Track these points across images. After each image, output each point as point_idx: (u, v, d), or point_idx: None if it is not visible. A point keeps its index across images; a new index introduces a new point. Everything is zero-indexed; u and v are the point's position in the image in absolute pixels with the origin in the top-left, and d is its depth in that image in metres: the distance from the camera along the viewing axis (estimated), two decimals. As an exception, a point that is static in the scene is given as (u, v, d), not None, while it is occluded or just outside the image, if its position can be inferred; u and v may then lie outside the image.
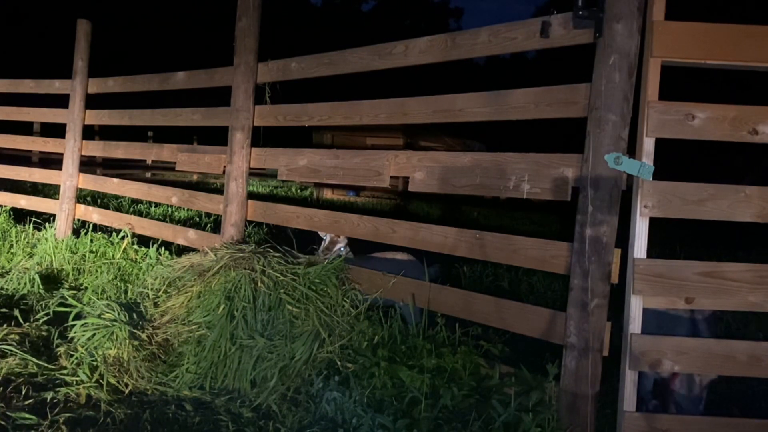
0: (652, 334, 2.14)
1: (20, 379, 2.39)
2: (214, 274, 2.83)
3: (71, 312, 2.86)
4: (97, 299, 3.01)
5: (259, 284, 2.71)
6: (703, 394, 2.27)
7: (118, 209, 7.38)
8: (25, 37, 22.51)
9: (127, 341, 2.60)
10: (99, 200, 8.00)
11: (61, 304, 3.12)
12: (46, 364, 2.55)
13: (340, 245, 3.16)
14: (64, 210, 4.76)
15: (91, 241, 4.36)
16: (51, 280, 3.87)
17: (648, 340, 2.07)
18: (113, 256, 4.08)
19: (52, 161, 10.13)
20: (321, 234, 3.40)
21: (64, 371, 2.50)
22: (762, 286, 2.03)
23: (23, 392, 2.29)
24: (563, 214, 9.92)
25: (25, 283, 3.67)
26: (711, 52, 2.06)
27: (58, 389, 2.32)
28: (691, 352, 2.06)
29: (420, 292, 2.77)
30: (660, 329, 2.24)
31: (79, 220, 4.84)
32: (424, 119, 2.81)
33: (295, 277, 2.79)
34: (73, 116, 4.77)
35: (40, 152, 11.29)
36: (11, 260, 4.35)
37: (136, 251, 4.13)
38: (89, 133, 6.09)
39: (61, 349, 2.66)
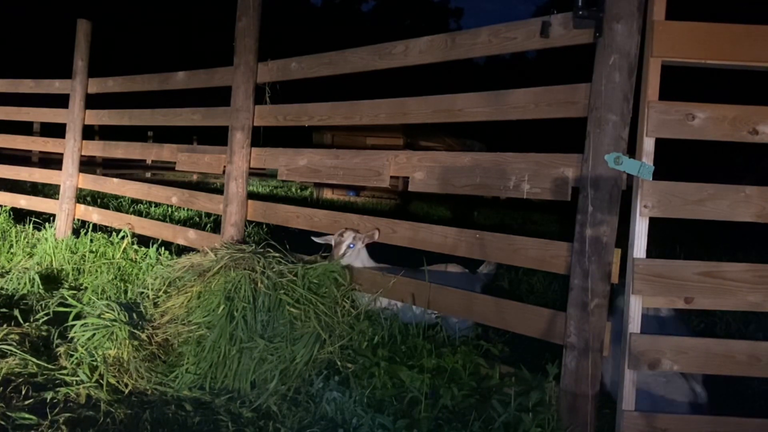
0: (651, 333, 2.14)
1: (20, 379, 2.39)
2: (214, 274, 2.83)
3: (71, 312, 2.86)
4: (97, 299, 3.01)
5: (259, 285, 2.71)
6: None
7: (118, 209, 7.38)
8: (25, 37, 22.51)
9: (127, 341, 2.60)
10: (99, 200, 8.00)
11: (61, 304, 3.12)
12: (46, 364, 2.55)
13: (347, 242, 3.07)
14: (64, 210, 4.76)
15: (91, 241, 4.36)
16: (51, 280, 3.87)
17: (647, 339, 2.08)
18: (113, 256, 4.08)
19: (52, 161, 10.12)
20: (318, 240, 3.27)
21: (64, 371, 2.50)
22: (761, 285, 2.03)
23: (23, 392, 2.29)
24: (563, 214, 9.92)
25: (25, 283, 3.66)
26: (711, 51, 2.06)
27: (58, 389, 2.32)
28: (690, 352, 2.07)
29: (420, 292, 2.77)
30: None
31: (79, 220, 4.84)
32: (424, 119, 2.81)
33: (295, 278, 2.79)
34: (73, 116, 4.77)
35: (40, 152, 11.29)
36: (11, 260, 4.35)
37: (136, 251, 4.13)
38: (89, 133, 6.09)
39: (61, 349, 2.65)
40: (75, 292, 3.56)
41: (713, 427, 2.07)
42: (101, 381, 2.41)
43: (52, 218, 4.87)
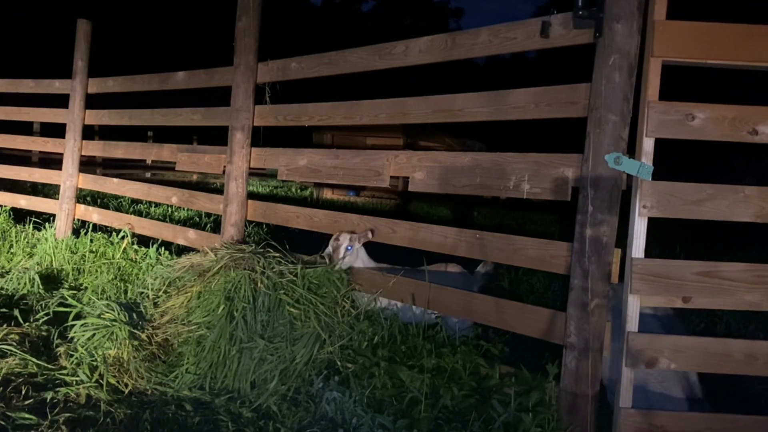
0: (649, 332, 2.14)
1: (20, 379, 2.39)
2: (213, 274, 2.83)
3: (71, 312, 2.86)
4: (97, 299, 3.01)
5: (259, 285, 2.71)
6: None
7: (118, 209, 7.38)
8: (25, 37, 22.51)
9: (127, 341, 2.60)
10: (99, 200, 8.00)
11: (61, 304, 3.12)
12: (46, 364, 2.55)
13: (345, 245, 3.08)
14: (64, 210, 4.76)
15: (91, 241, 4.37)
16: (51, 280, 3.87)
17: (645, 338, 2.08)
18: (113, 256, 4.08)
19: (52, 161, 10.12)
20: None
21: (64, 371, 2.50)
22: (759, 285, 2.04)
23: (23, 392, 2.29)
24: (563, 214, 9.92)
25: (25, 283, 3.67)
26: (712, 51, 2.06)
27: (58, 389, 2.32)
28: (687, 351, 2.07)
29: (420, 293, 2.77)
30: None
31: (79, 220, 4.84)
32: (424, 119, 2.81)
33: (295, 278, 2.79)
34: (73, 116, 4.77)
35: (40, 152, 11.29)
36: (11, 260, 4.35)
37: (136, 251, 4.13)
38: (89, 133, 6.09)
39: (61, 349, 2.66)
40: (75, 292, 3.56)
41: (710, 425, 2.08)
42: (101, 381, 2.41)
43: (52, 218, 4.87)
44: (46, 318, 3.08)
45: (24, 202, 5.32)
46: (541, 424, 2.08)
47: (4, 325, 2.94)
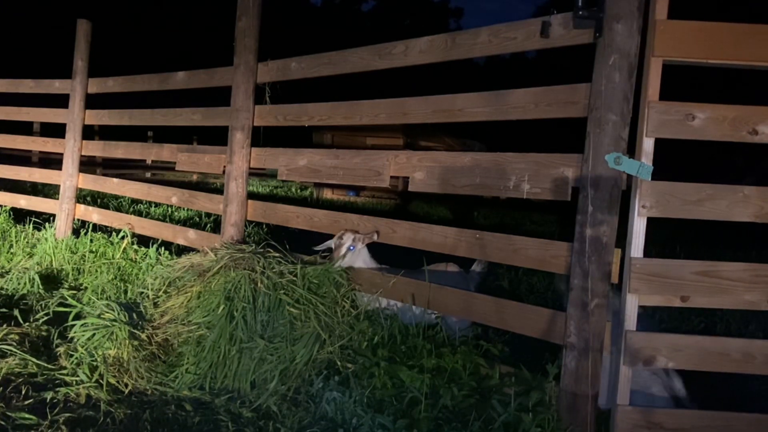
0: (647, 331, 2.15)
1: (20, 379, 2.39)
2: (213, 274, 2.83)
3: (71, 312, 2.86)
4: (97, 299, 3.01)
5: (259, 285, 2.71)
6: None
7: (118, 209, 7.38)
8: (25, 37, 22.51)
9: (127, 341, 2.60)
10: (99, 200, 8.00)
11: (60, 304, 3.12)
12: (45, 364, 2.55)
13: (347, 244, 3.04)
14: (63, 210, 4.76)
15: (91, 241, 4.37)
16: (51, 280, 3.87)
17: (643, 337, 2.09)
18: (113, 256, 4.08)
19: (52, 161, 10.13)
20: (319, 247, 3.29)
21: (64, 371, 2.50)
22: (758, 285, 2.04)
23: (23, 392, 2.29)
24: (563, 214, 9.92)
25: (25, 283, 3.66)
26: (713, 51, 2.06)
27: (57, 389, 2.32)
28: (685, 350, 2.08)
29: (420, 293, 2.77)
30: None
31: (78, 220, 4.84)
32: (424, 119, 2.81)
33: (295, 278, 2.79)
34: (73, 116, 4.77)
35: (40, 152, 11.29)
36: (11, 260, 4.35)
37: (136, 251, 4.13)
38: (89, 133, 6.09)
39: (61, 349, 2.65)
40: (75, 292, 3.56)
41: (707, 422, 2.08)
42: (101, 381, 2.41)
43: (52, 218, 4.87)
44: (46, 318, 3.08)
45: (24, 202, 5.32)
46: (541, 424, 2.08)
47: (4, 325, 2.94)
